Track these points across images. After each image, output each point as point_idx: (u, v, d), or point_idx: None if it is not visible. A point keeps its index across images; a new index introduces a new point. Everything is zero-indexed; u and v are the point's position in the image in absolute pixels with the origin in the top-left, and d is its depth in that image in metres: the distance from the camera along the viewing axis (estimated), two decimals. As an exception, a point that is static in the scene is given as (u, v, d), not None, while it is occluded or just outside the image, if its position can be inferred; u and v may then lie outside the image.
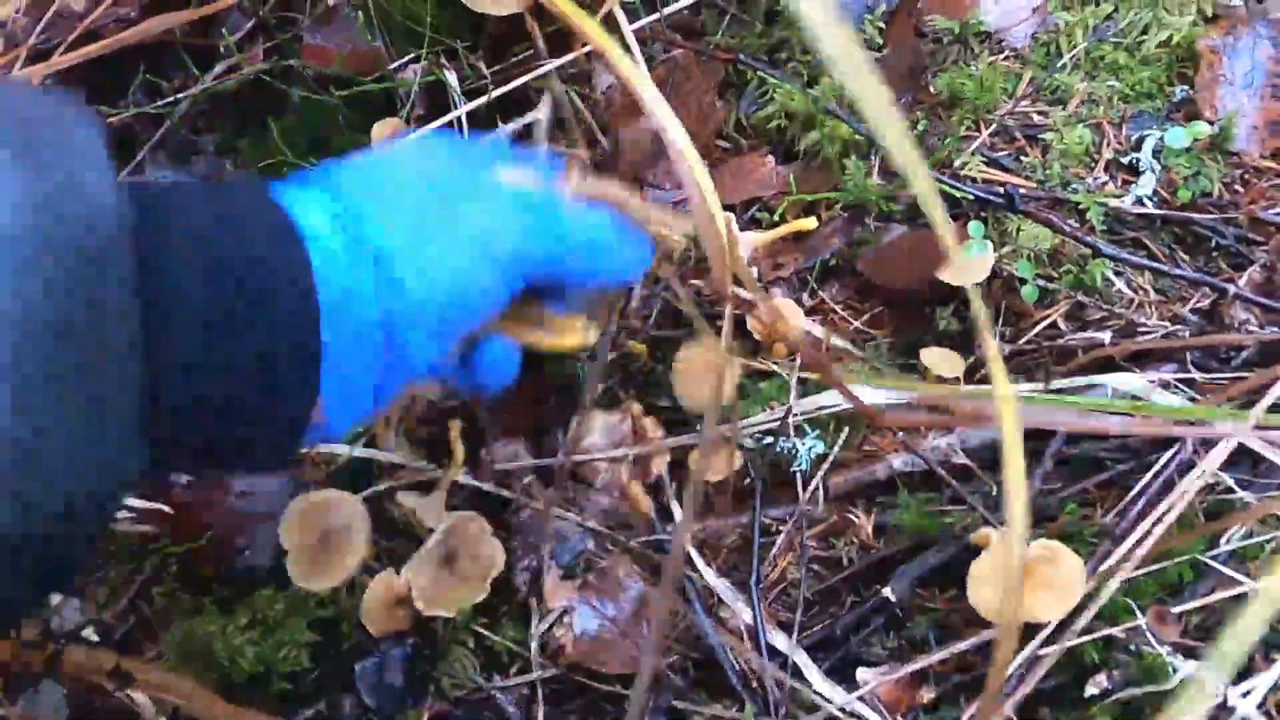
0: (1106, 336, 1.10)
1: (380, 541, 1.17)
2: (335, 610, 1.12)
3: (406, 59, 1.51)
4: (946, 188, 1.17)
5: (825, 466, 1.17)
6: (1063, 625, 0.97)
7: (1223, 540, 0.98)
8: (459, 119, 1.48)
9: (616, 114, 1.52)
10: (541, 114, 1.53)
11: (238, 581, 1.14)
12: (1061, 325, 1.16)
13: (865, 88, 0.54)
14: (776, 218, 1.40)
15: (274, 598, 1.09)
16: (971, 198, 1.17)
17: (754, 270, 1.36)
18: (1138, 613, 0.95)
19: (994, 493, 1.08)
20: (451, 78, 1.48)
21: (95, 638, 1.11)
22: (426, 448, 1.25)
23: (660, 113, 0.75)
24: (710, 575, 1.15)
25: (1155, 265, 1.10)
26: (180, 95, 1.54)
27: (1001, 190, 1.14)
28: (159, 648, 1.12)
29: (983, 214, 1.21)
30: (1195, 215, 1.16)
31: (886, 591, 1.07)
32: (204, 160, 1.59)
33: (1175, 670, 0.93)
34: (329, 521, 1.06)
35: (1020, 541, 0.68)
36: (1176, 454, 1.00)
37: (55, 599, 1.14)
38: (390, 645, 1.12)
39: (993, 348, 0.67)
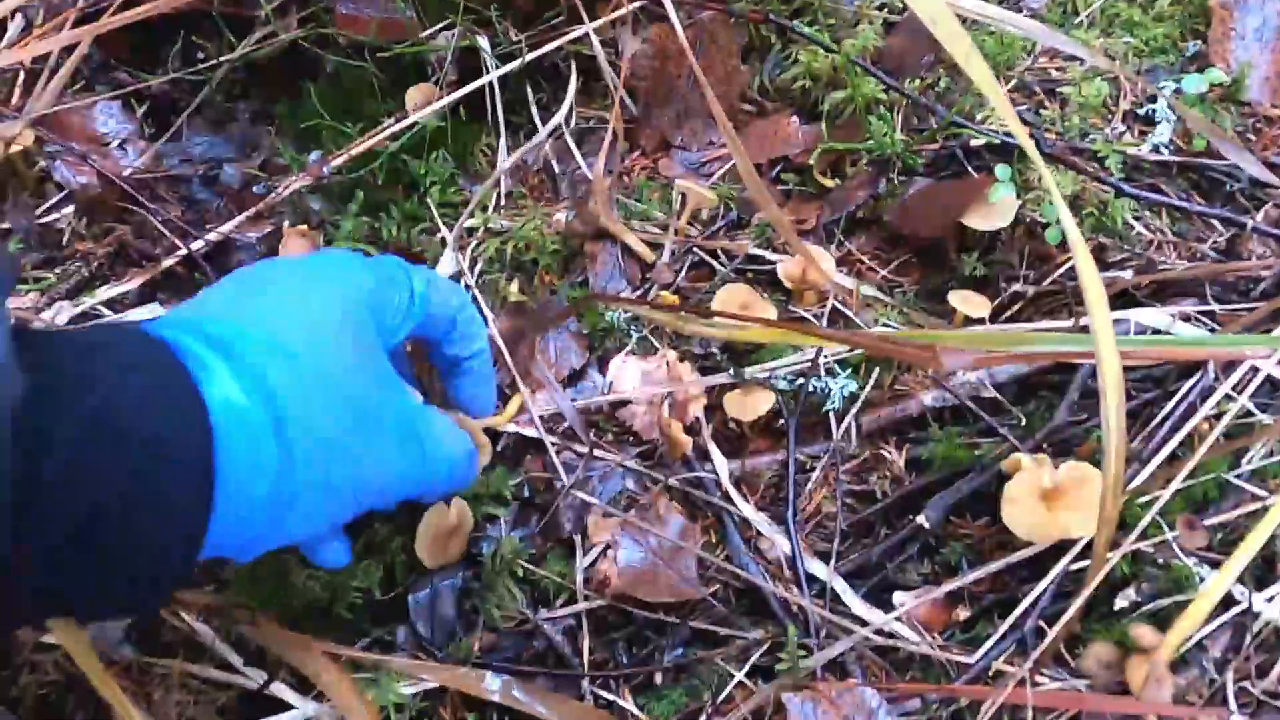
0: (1129, 274, 1.14)
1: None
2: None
3: (439, 26, 1.55)
4: (973, 132, 1.21)
5: (857, 405, 1.22)
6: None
7: (1244, 460, 1.02)
8: (491, 84, 1.53)
9: (644, 78, 1.57)
10: (569, 85, 1.58)
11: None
12: (1084, 267, 1.20)
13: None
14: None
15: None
16: (998, 141, 1.22)
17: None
18: (1165, 529, 0.99)
19: (1022, 424, 1.13)
20: (484, 43, 1.53)
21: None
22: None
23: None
24: (749, 510, 1.19)
25: (1175, 203, 1.14)
26: (217, 61, 1.58)
27: (1029, 130, 1.19)
28: (222, 581, 1.15)
29: (1005, 163, 1.26)
30: (1210, 161, 1.21)
31: (920, 519, 1.11)
32: (239, 126, 1.63)
33: (1201, 580, 0.97)
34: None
35: (1119, 456, 0.73)
36: (1199, 381, 1.05)
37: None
38: (442, 579, 1.16)
39: (1093, 276, 0.72)
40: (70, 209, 1.49)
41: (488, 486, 1.20)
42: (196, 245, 1.40)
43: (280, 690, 1.06)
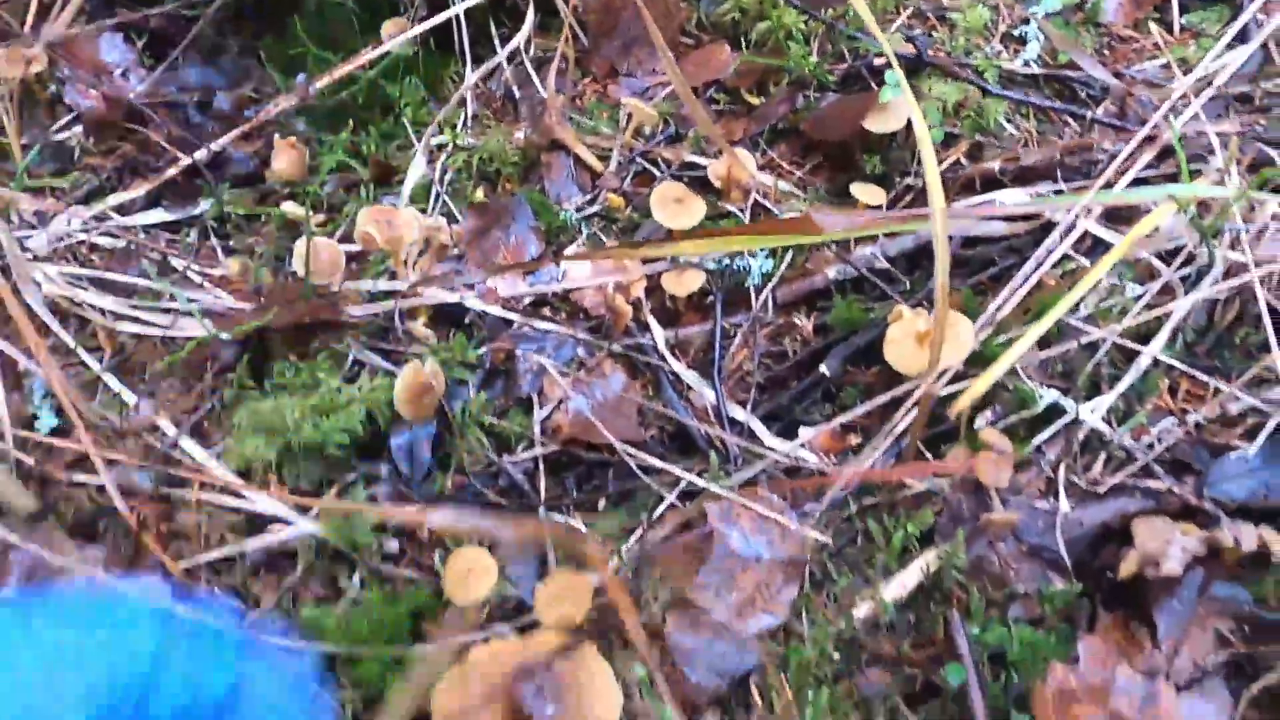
0: (997, 165, 1.36)
1: (402, 353, 1.40)
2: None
3: (411, -34, 1.74)
4: (870, 47, 1.42)
5: (773, 281, 1.43)
6: (958, 377, 1.23)
7: (1081, 306, 1.24)
8: (458, 17, 1.72)
9: (594, 13, 1.76)
10: (528, 21, 1.77)
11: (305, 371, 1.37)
12: (963, 162, 1.42)
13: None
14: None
15: (336, 386, 1.32)
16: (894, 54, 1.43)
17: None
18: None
19: (908, 287, 1.34)
20: (451, -20, 1.72)
21: (171, 429, 1.34)
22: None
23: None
24: (681, 368, 1.40)
25: (1038, 103, 1.36)
26: (211, -1, 1.76)
27: (912, 44, 1.40)
28: (225, 433, 1.34)
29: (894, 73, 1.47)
30: (1070, 73, 1.43)
31: (823, 369, 1.33)
32: (230, 58, 1.81)
33: (1041, 398, 1.19)
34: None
35: (944, 302, 0.94)
36: (1050, 251, 1.27)
37: (130, 396, 1.36)
38: (419, 428, 1.35)
39: (931, 164, 0.93)
40: (79, 128, 1.67)
41: (454, 354, 1.39)
42: (199, 154, 1.57)
43: (282, 510, 1.25)
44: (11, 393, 1.38)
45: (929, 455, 1.21)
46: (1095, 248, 1.26)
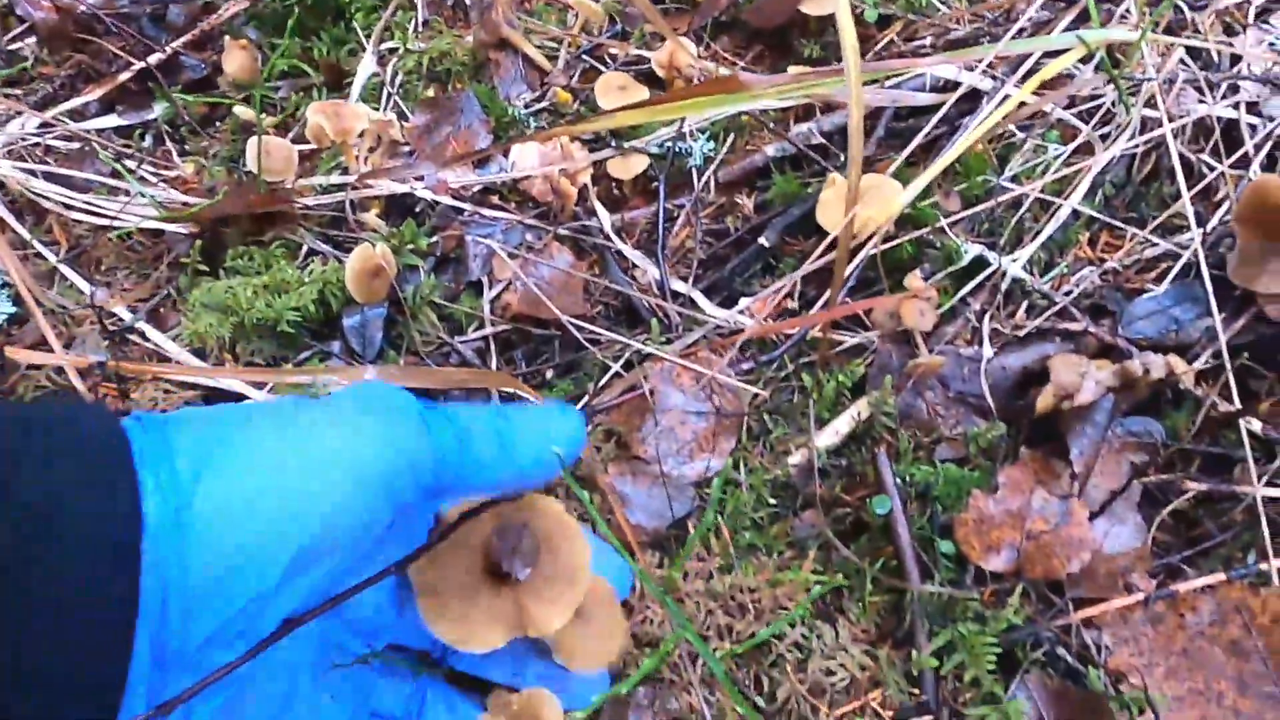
0: (929, 40, 1.39)
1: (355, 241, 1.44)
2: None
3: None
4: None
5: (715, 163, 1.46)
6: (889, 238, 1.27)
7: (1008, 168, 1.28)
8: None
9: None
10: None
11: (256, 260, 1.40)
12: (898, 41, 1.46)
13: None
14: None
15: (287, 269, 1.35)
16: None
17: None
18: (941, 219, 1.25)
19: (843, 160, 1.38)
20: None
21: (129, 314, 1.37)
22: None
23: None
24: (626, 248, 1.43)
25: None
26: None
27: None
28: (180, 319, 1.37)
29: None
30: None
31: (762, 240, 1.37)
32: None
33: (966, 252, 1.23)
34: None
35: (856, 157, 0.98)
36: (978, 120, 1.31)
37: (86, 288, 1.39)
38: (370, 309, 1.39)
39: (850, 36, 0.96)
40: (33, 39, 1.68)
41: (402, 239, 1.42)
42: (152, 58, 1.59)
43: (237, 385, 1.28)
44: (-30, 285, 1.41)
45: (862, 315, 1.25)
46: (1026, 118, 1.30)
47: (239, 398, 1.29)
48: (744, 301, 1.35)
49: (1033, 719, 1.00)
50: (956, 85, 1.35)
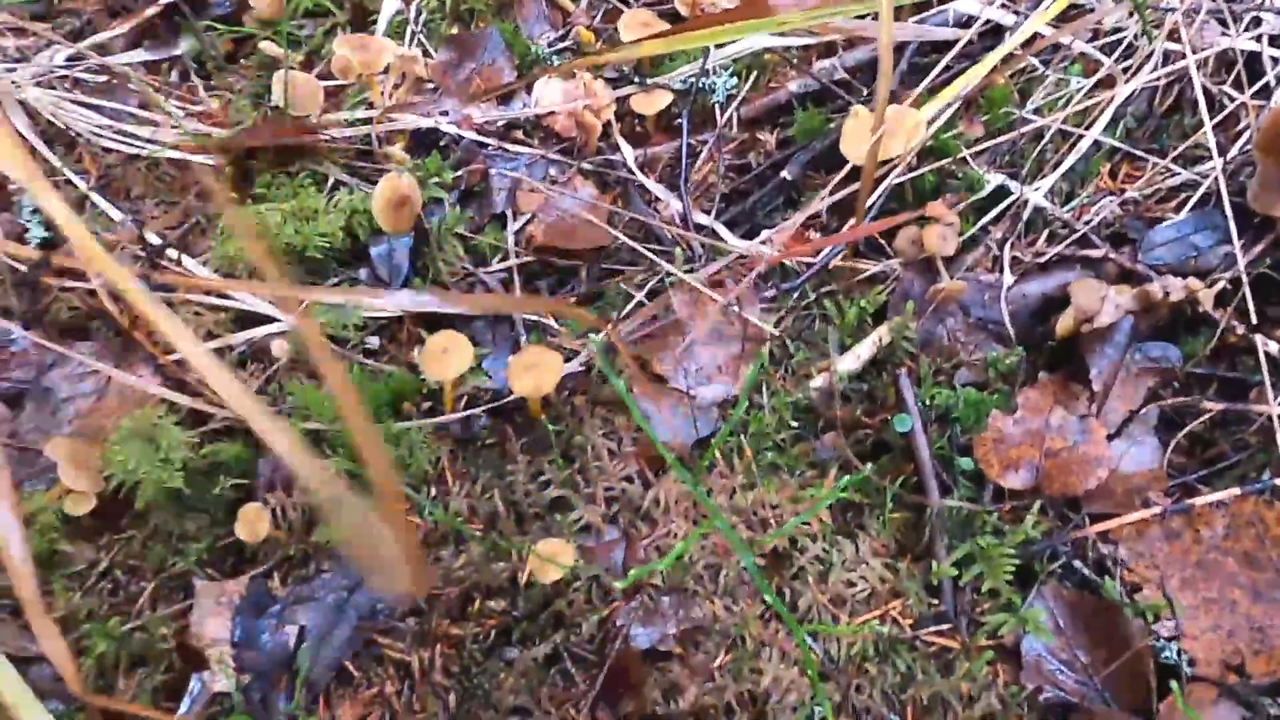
0: (952, -23, 1.40)
1: (381, 173, 1.45)
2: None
3: None
4: None
5: (738, 99, 1.47)
6: (911, 169, 1.28)
7: (1030, 101, 1.30)
8: None
9: None
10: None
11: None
12: (921, -21, 1.46)
13: None
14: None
15: (317, 197, 1.37)
16: None
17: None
18: (964, 149, 1.27)
19: (865, 94, 1.39)
20: None
21: (157, 240, 1.39)
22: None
23: None
24: (650, 182, 1.45)
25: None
26: None
27: None
28: (207, 245, 1.39)
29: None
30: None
31: (785, 173, 1.38)
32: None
33: (988, 182, 1.25)
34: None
35: (885, 87, 0.99)
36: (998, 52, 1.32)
37: (115, 213, 1.40)
38: (397, 238, 1.41)
39: None
40: (59, -26, 1.69)
41: (428, 172, 1.44)
42: (175, -9, 1.61)
43: (266, 308, 1.30)
44: (1, 211, 1.43)
45: (882, 241, 1.27)
46: (1047, 51, 1.31)
47: (268, 320, 1.32)
48: (765, 233, 1.36)
49: (1050, 626, 1.03)
50: (980, 21, 1.36)
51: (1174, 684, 0.92)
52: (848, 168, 1.22)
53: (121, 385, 1.25)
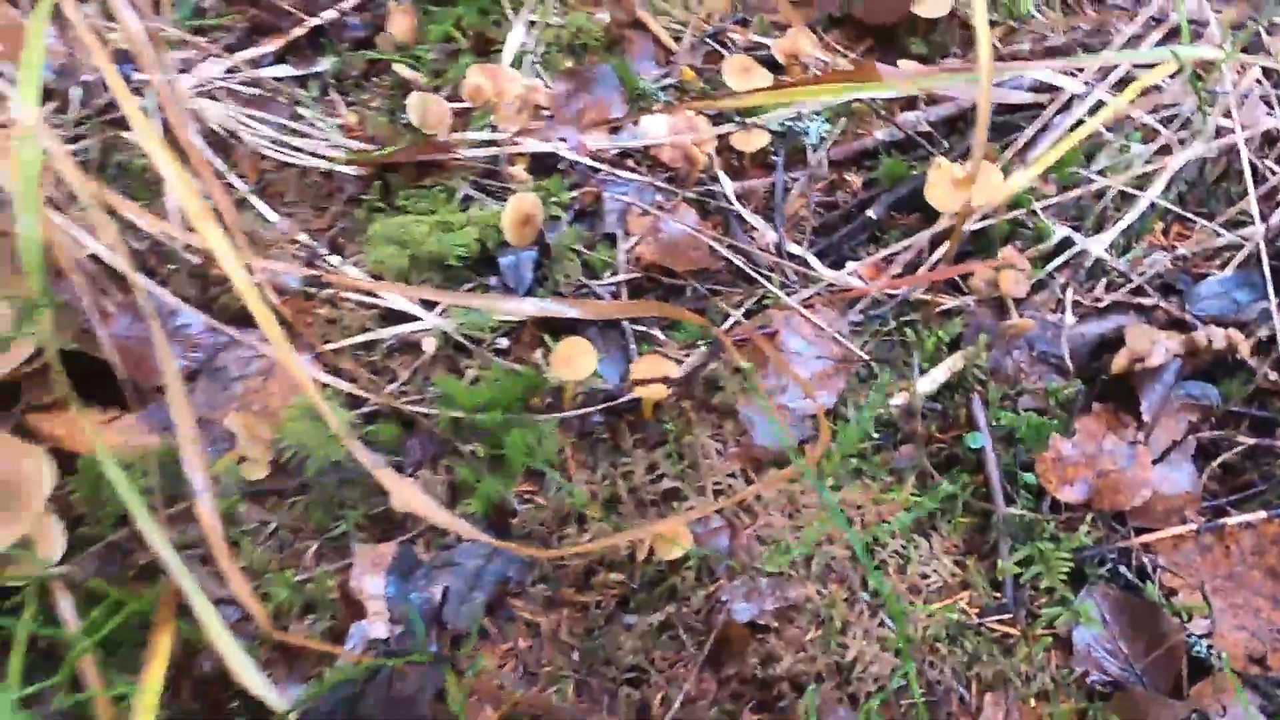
0: (1026, 45, 1.58)
1: (505, 192, 1.63)
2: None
3: None
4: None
5: (829, 142, 1.65)
6: (984, 217, 1.46)
7: (1094, 163, 1.47)
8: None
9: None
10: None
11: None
12: (998, 45, 1.64)
13: None
14: None
15: (456, 212, 1.55)
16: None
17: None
18: (1034, 201, 1.44)
19: (947, 147, 1.57)
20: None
21: (311, 241, 1.56)
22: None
23: None
24: (747, 212, 1.62)
25: (1062, -8, 1.58)
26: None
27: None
28: (355, 250, 1.57)
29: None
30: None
31: (870, 213, 1.56)
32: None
33: (1056, 232, 1.42)
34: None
35: (981, 144, 1.16)
36: (1071, 119, 1.49)
37: (271, 216, 1.58)
38: (522, 251, 1.58)
39: (983, 18, 1.14)
40: (213, -7, 1.87)
41: (548, 192, 1.61)
42: (326, 14, 1.78)
43: (411, 308, 1.48)
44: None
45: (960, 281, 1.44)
46: (1114, 120, 1.48)
47: (411, 318, 1.49)
48: (851, 265, 1.54)
49: (1098, 619, 1.20)
50: (1051, 87, 1.53)
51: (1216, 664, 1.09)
52: (942, 216, 1.39)
53: (284, 370, 1.43)
